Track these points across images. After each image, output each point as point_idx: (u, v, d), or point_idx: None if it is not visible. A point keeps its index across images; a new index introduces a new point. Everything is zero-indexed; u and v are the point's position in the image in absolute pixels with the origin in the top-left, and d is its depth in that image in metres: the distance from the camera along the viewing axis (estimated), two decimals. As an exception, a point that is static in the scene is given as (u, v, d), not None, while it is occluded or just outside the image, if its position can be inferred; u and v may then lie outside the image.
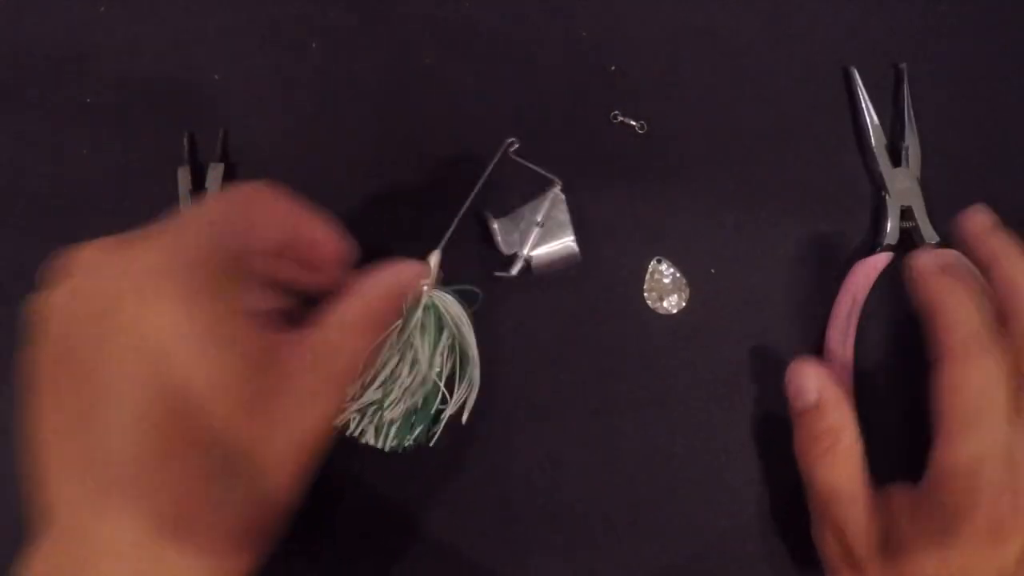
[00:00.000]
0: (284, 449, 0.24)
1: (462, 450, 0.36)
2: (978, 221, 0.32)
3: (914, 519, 0.30)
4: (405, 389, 0.35)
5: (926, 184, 0.40)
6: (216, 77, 0.42)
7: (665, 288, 0.39)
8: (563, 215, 0.37)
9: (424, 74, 0.42)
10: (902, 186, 0.40)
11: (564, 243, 0.37)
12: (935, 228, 0.39)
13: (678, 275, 0.39)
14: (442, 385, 0.36)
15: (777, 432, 0.36)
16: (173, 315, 0.21)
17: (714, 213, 0.40)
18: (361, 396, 0.35)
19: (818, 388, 0.33)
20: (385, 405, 0.35)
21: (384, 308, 0.29)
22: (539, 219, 0.37)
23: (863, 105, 0.41)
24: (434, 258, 0.37)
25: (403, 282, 0.31)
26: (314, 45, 0.42)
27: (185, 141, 0.40)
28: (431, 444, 0.35)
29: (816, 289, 0.39)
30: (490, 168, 0.39)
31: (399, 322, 0.36)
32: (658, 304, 0.39)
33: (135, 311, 0.21)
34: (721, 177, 0.41)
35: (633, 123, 0.41)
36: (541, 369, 0.37)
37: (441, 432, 0.36)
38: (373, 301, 0.29)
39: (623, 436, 0.37)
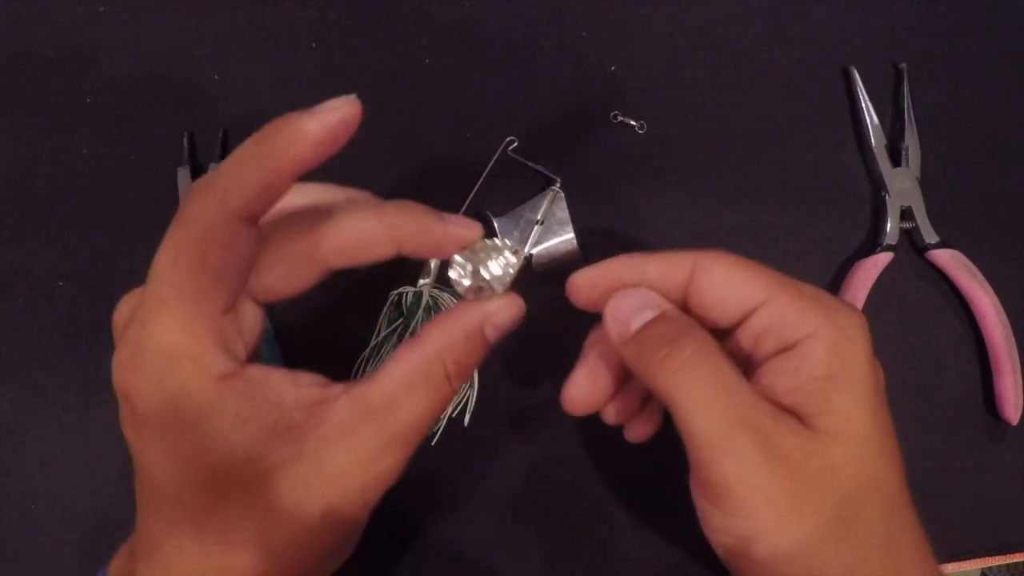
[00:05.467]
0: (339, 500, 0.24)
1: (462, 450, 0.36)
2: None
3: None
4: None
5: (926, 184, 0.40)
6: (216, 77, 0.42)
7: None
8: (563, 212, 0.37)
9: (424, 74, 0.42)
10: (902, 186, 0.40)
11: (564, 239, 0.37)
12: (935, 228, 0.39)
13: None
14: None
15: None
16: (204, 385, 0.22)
17: (714, 213, 0.40)
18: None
19: (658, 303, 0.26)
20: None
21: (458, 356, 0.24)
22: (539, 217, 0.37)
23: (863, 105, 0.41)
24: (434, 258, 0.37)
25: (478, 321, 0.25)
26: (314, 45, 0.42)
27: (185, 141, 0.40)
28: (431, 444, 0.35)
29: (816, 289, 0.39)
30: (490, 167, 0.39)
31: (400, 322, 0.36)
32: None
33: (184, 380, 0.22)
34: (721, 177, 0.41)
35: (633, 123, 0.41)
36: (541, 368, 0.37)
37: (441, 432, 0.36)
38: (441, 349, 0.24)
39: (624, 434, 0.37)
